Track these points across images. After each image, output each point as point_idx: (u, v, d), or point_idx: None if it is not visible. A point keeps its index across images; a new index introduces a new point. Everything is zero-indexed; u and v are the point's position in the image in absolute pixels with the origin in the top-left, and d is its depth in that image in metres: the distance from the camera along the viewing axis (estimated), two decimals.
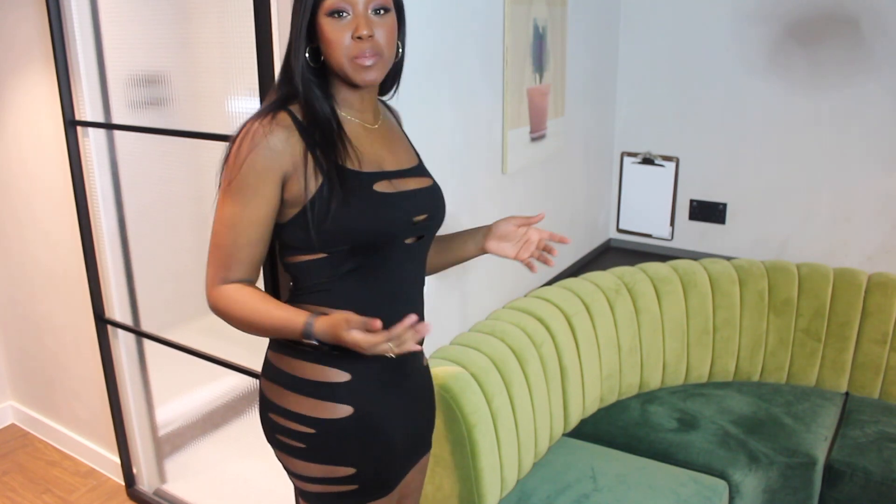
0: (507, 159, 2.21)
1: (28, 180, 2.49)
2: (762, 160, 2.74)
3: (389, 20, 1.18)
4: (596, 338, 2.20)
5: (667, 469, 2.01)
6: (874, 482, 2.00)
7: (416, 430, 1.38)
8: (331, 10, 1.14)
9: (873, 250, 2.62)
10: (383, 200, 1.21)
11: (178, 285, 2.32)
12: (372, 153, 1.24)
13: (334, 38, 1.15)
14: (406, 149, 1.34)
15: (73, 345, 2.59)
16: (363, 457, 1.26)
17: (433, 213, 1.29)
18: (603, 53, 2.82)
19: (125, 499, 2.53)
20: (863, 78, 2.50)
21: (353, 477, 1.26)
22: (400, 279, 1.26)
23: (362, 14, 1.14)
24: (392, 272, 1.24)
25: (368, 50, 1.15)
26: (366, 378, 1.24)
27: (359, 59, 1.15)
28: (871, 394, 2.38)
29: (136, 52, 2.12)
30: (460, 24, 1.92)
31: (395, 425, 1.29)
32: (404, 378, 1.32)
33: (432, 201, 1.30)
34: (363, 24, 1.14)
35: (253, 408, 2.30)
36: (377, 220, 1.19)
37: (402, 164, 1.29)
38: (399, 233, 1.23)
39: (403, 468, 1.36)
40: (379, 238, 1.20)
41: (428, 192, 1.30)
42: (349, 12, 1.14)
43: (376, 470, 1.28)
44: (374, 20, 1.15)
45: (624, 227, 3.11)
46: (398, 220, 1.22)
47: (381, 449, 1.28)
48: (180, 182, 2.16)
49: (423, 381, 1.40)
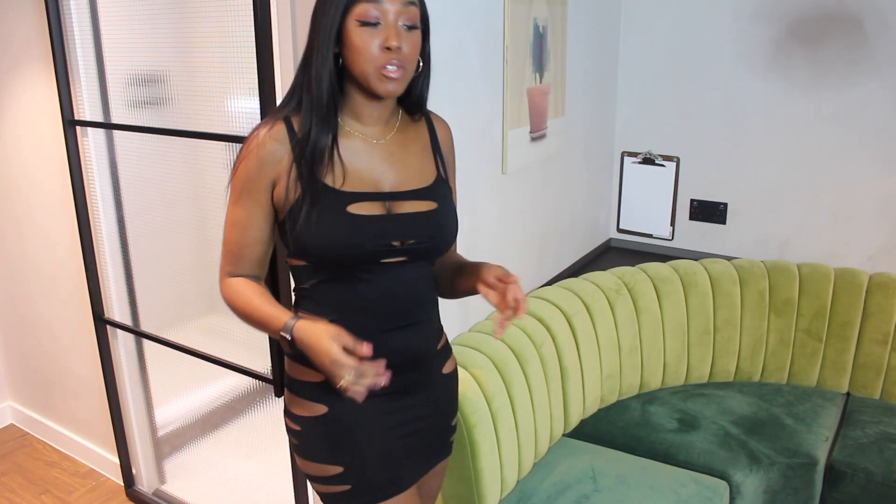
0: (508, 159, 2.20)
1: (27, 180, 2.49)
2: (763, 160, 2.73)
3: (416, 36, 1.18)
4: (596, 338, 2.20)
5: (667, 469, 2.00)
6: (875, 483, 2.00)
7: (422, 436, 1.37)
8: (363, 17, 1.14)
9: (874, 250, 2.61)
10: (353, 222, 1.20)
11: (178, 285, 2.31)
12: (367, 170, 1.24)
13: (363, 45, 1.15)
14: (420, 168, 1.30)
15: (72, 345, 2.58)
16: (345, 456, 1.29)
17: (424, 239, 1.26)
18: (603, 53, 2.82)
19: (124, 499, 2.53)
20: (864, 78, 2.50)
21: (342, 476, 1.29)
22: (387, 295, 1.26)
23: (393, 24, 1.15)
24: (375, 288, 1.25)
25: (396, 61, 1.15)
26: None
27: (385, 69, 1.15)
28: (872, 394, 2.37)
29: (135, 52, 2.12)
30: (460, 23, 1.92)
31: (377, 428, 1.30)
32: (394, 382, 1.29)
33: (427, 227, 1.26)
34: (394, 35, 1.14)
35: (252, 408, 2.30)
36: (342, 241, 1.20)
37: (405, 184, 1.27)
38: (366, 255, 1.22)
39: (410, 471, 1.36)
40: (343, 258, 1.21)
41: (425, 216, 1.26)
42: (381, 21, 1.15)
43: (364, 470, 1.29)
44: (403, 33, 1.16)
45: (624, 227, 3.10)
46: (367, 243, 1.20)
47: (360, 449, 1.29)
48: (179, 182, 2.15)
49: (435, 389, 1.38)
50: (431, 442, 1.40)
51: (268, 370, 1.95)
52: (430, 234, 1.27)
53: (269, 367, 1.94)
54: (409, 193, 1.26)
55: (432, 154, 1.34)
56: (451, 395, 1.44)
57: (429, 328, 1.35)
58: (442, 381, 1.40)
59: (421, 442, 1.37)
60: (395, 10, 1.14)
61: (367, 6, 1.14)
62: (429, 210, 1.27)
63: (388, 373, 1.16)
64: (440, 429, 1.41)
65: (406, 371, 1.31)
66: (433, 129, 1.36)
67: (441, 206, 1.29)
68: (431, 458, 1.42)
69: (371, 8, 1.14)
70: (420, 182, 1.29)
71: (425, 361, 1.35)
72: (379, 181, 1.25)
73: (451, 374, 1.43)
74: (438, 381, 1.39)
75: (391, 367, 1.28)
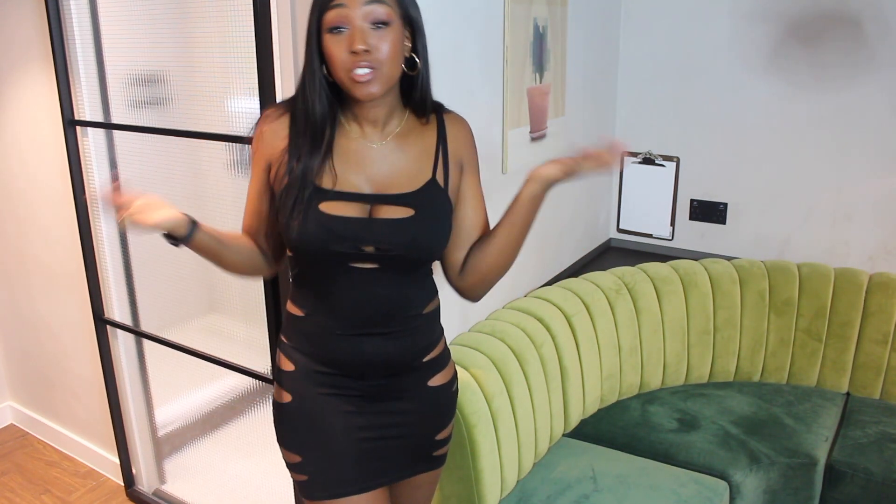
0: (508, 159, 2.20)
1: (27, 180, 2.49)
2: (763, 160, 2.73)
3: (391, 33, 1.16)
4: (596, 338, 2.20)
5: (667, 469, 2.00)
6: (875, 483, 2.00)
7: (392, 444, 1.34)
8: (330, 26, 1.16)
9: (874, 250, 2.61)
10: (321, 221, 1.20)
11: (178, 285, 2.31)
12: (355, 172, 1.24)
13: (334, 53, 1.16)
14: (411, 173, 1.26)
15: (72, 345, 2.58)
16: (304, 446, 1.32)
17: (396, 247, 1.22)
18: (603, 53, 2.82)
19: (124, 499, 2.53)
20: (864, 78, 2.49)
21: (301, 465, 1.33)
22: (354, 300, 1.24)
23: (359, 27, 1.14)
24: (342, 290, 1.24)
25: (364, 63, 1.15)
26: (305, 372, 1.31)
27: (354, 73, 1.15)
28: (871, 394, 2.37)
29: (135, 52, 2.12)
30: (460, 23, 1.92)
31: (336, 426, 1.30)
32: (365, 385, 1.30)
33: (401, 235, 1.22)
34: (357, 38, 1.14)
35: (252, 408, 2.30)
36: (308, 238, 1.21)
37: (390, 188, 1.24)
38: (331, 256, 1.21)
39: (374, 476, 1.34)
40: (309, 256, 1.23)
41: (399, 223, 1.22)
42: (347, 27, 1.15)
43: (321, 463, 1.31)
44: (372, 33, 1.15)
45: (624, 227, 3.10)
46: (333, 244, 1.20)
47: (317, 443, 1.31)
48: (179, 182, 2.15)
49: (413, 401, 1.34)
50: (407, 452, 1.37)
51: (268, 370, 1.95)
52: (404, 242, 1.22)
53: (269, 367, 1.94)
54: (389, 198, 1.23)
55: (433, 158, 1.29)
56: (439, 409, 1.39)
57: (411, 339, 1.31)
58: (425, 393, 1.36)
59: (390, 450, 1.34)
60: (359, 12, 1.14)
61: (333, 13, 1.14)
62: (404, 217, 1.22)
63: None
64: (419, 441, 1.38)
65: (375, 378, 1.30)
66: (443, 131, 1.31)
67: (419, 214, 1.23)
68: (405, 468, 1.38)
69: (336, 14, 1.14)
70: (405, 187, 1.25)
71: (403, 372, 1.32)
72: (364, 184, 1.24)
73: (442, 387, 1.38)
74: (420, 393, 1.35)
75: (362, 372, 1.29)
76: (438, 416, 1.40)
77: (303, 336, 1.30)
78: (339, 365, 1.28)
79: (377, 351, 1.28)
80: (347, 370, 1.29)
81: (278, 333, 1.85)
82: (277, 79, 1.70)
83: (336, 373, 1.29)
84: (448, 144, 1.31)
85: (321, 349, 1.28)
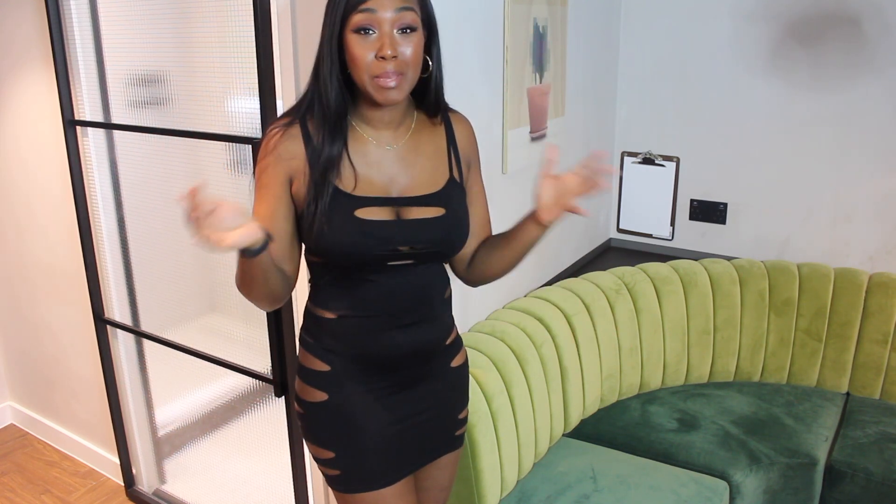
0: (507, 159, 2.20)
1: (27, 180, 2.49)
2: (763, 160, 2.73)
3: (416, 38, 1.17)
4: (596, 338, 2.20)
5: (667, 469, 2.00)
6: (875, 483, 2.00)
7: (423, 429, 1.38)
8: (357, 26, 1.15)
9: (874, 250, 2.61)
10: (361, 227, 1.22)
11: (178, 285, 2.31)
12: (378, 175, 1.25)
13: (358, 54, 1.16)
14: (431, 173, 1.30)
15: (72, 345, 2.58)
16: (339, 442, 1.33)
17: (431, 244, 1.27)
18: (603, 53, 2.82)
19: (124, 499, 2.53)
20: (864, 78, 2.49)
21: (334, 461, 1.34)
22: (393, 295, 1.28)
23: (388, 33, 1.15)
24: (381, 288, 1.27)
25: (391, 69, 1.15)
26: (342, 372, 1.31)
27: (381, 78, 1.16)
28: (871, 394, 2.37)
29: (135, 52, 2.12)
30: (460, 23, 1.92)
31: (375, 419, 1.32)
32: (397, 376, 1.33)
33: (435, 233, 1.27)
34: (388, 43, 1.14)
35: (252, 408, 2.30)
36: (349, 245, 1.22)
37: (414, 189, 1.28)
38: (371, 259, 1.24)
39: (405, 465, 1.38)
40: (350, 261, 1.24)
41: (432, 222, 1.27)
42: (375, 30, 1.15)
43: (355, 458, 1.33)
44: (399, 39, 1.15)
45: (624, 227, 3.10)
46: (374, 248, 1.23)
47: (353, 438, 1.32)
48: (180, 182, 2.15)
49: (440, 381, 1.39)
50: (433, 435, 1.41)
51: (268, 370, 1.95)
52: (438, 239, 1.28)
53: (269, 367, 1.94)
54: (418, 199, 1.27)
55: (447, 156, 1.33)
56: (460, 388, 1.45)
57: (437, 325, 1.36)
58: (449, 373, 1.41)
59: (421, 435, 1.38)
60: (390, 17, 1.14)
61: (361, 16, 1.14)
62: (436, 216, 1.27)
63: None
64: (445, 421, 1.42)
65: (410, 367, 1.34)
66: (451, 130, 1.35)
67: (449, 212, 1.29)
68: (432, 451, 1.42)
69: (365, 17, 1.14)
70: (430, 187, 1.29)
71: (431, 357, 1.37)
72: (389, 186, 1.26)
73: (461, 367, 1.44)
74: (445, 374, 1.40)
75: (396, 364, 1.32)
76: (460, 394, 1.46)
77: (335, 337, 1.31)
78: (375, 360, 1.31)
79: (410, 340, 1.31)
80: (383, 364, 1.32)
81: (279, 334, 1.86)
82: (277, 79, 1.70)
83: (372, 368, 1.32)
84: (457, 143, 1.36)
85: (356, 348, 1.30)
